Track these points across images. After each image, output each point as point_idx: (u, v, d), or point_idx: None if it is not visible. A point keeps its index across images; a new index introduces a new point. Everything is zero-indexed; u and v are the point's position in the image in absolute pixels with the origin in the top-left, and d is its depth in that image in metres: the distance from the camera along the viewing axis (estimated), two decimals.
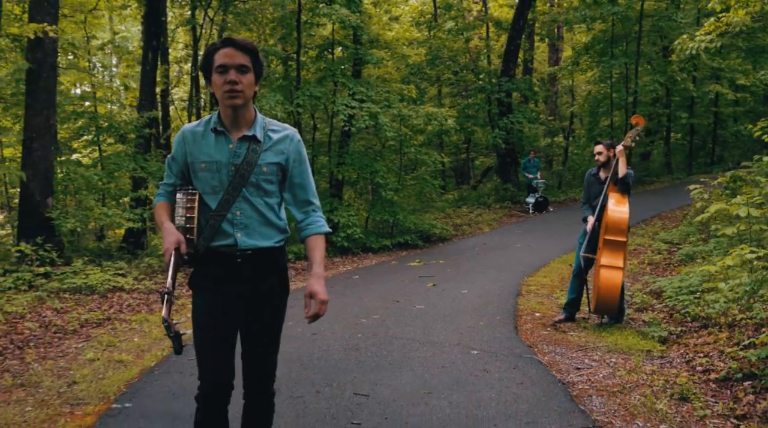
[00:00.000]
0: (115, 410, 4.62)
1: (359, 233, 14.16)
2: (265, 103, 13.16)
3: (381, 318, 7.55)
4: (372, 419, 4.36)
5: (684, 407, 4.53)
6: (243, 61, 2.73)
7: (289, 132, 2.93)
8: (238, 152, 2.79)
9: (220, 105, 2.82)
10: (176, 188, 2.92)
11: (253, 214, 2.82)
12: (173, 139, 2.84)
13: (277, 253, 2.94)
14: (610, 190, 6.88)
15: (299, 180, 2.94)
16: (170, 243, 2.68)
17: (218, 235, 2.82)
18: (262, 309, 2.90)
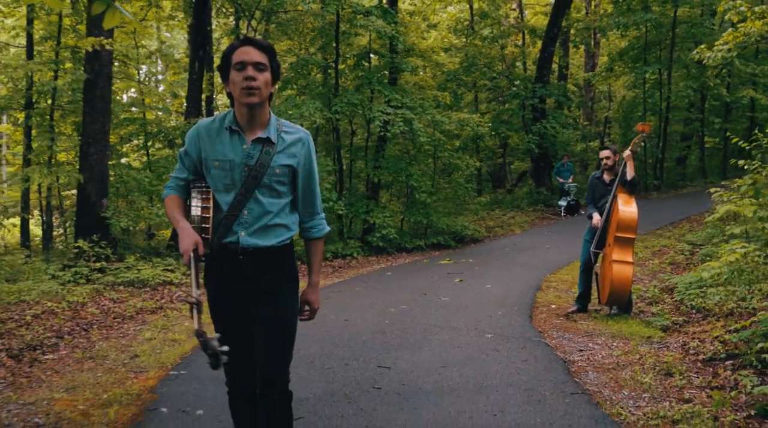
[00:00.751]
0: (173, 375, 5.41)
1: (394, 233, 14.87)
2: (305, 109, 13.94)
3: (408, 308, 8.24)
4: (391, 385, 5.06)
5: (667, 381, 5.12)
6: (261, 59, 2.78)
7: (302, 135, 2.97)
8: (252, 153, 2.83)
9: (236, 103, 2.85)
10: (188, 183, 2.97)
11: (260, 214, 2.85)
12: (186, 134, 2.95)
13: (280, 251, 2.94)
14: (619, 191, 7.46)
15: (307, 183, 3.01)
16: (189, 245, 2.68)
17: (228, 234, 2.87)
18: (267, 306, 2.91)
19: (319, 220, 3.11)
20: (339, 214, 14.74)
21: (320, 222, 3.11)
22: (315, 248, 3.12)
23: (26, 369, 5.81)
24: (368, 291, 9.71)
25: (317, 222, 3.10)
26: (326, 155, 16.37)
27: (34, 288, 9.17)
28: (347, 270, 12.80)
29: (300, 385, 5.00)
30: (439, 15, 30.24)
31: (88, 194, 12.34)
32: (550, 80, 23.33)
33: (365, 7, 15.22)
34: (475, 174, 25.41)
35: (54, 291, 9.14)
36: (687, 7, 22.10)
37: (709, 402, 4.53)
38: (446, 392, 4.88)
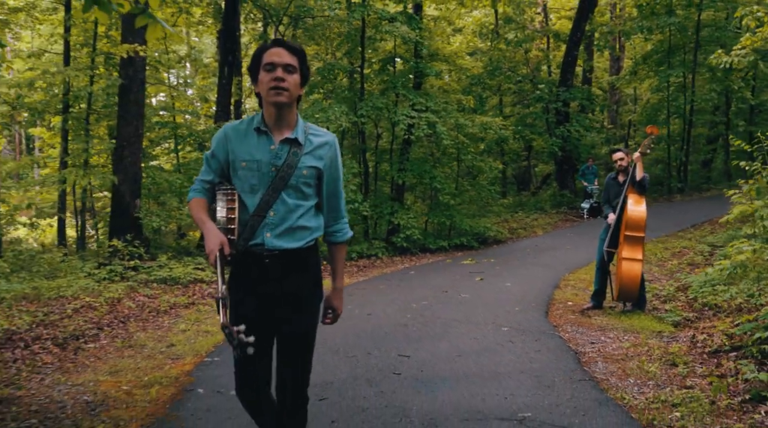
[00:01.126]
0: (207, 361, 5.82)
1: (417, 234, 15.20)
2: (331, 113, 14.33)
3: (429, 303, 8.57)
4: (410, 371, 5.41)
5: (672, 370, 5.42)
6: (291, 61, 2.80)
7: (329, 138, 2.97)
8: (280, 154, 2.83)
9: (264, 104, 2.86)
10: (213, 185, 2.97)
11: (286, 216, 2.85)
12: (213, 137, 2.99)
13: (305, 254, 2.93)
14: (629, 191, 7.75)
15: (332, 187, 3.00)
16: (214, 245, 2.67)
17: (254, 235, 2.86)
18: (291, 310, 2.91)
19: (342, 225, 3.08)
20: (364, 215, 15.11)
21: (344, 226, 3.09)
22: (338, 252, 3.11)
23: (71, 355, 6.24)
24: (391, 288, 10.06)
25: (341, 227, 3.08)
26: (352, 158, 16.76)
27: (72, 285, 9.61)
28: (372, 269, 13.16)
29: (325, 371, 5.37)
30: (464, 19, 30.61)
31: (122, 195, 12.81)
32: (573, 84, 23.51)
33: (390, 14, 15.58)
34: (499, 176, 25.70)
35: (91, 288, 9.59)
36: (711, 10, 22.18)
37: (709, 389, 4.82)
38: (461, 378, 5.22)
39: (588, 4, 22.63)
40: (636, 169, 7.70)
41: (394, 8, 16.56)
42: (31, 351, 6.23)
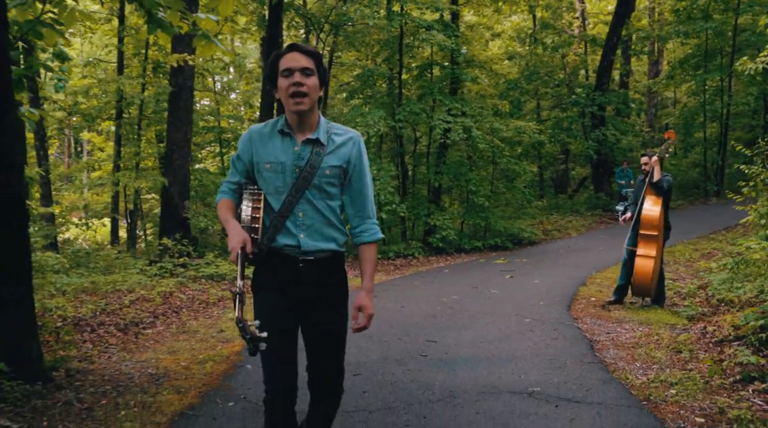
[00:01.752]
0: None
1: (453, 235, 15.75)
2: (369, 118, 14.96)
3: (459, 298, 9.14)
4: (436, 354, 6.00)
5: (677, 356, 5.91)
6: (307, 65, 2.80)
7: (353, 135, 2.99)
8: (302, 155, 2.86)
9: (286, 110, 2.89)
10: (240, 187, 3.00)
11: (315, 216, 2.87)
12: (240, 139, 3.05)
13: (337, 257, 2.97)
14: (647, 192, 8.22)
15: (358, 186, 2.99)
16: (236, 243, 2.70)
17: (282, 235, 2.86)
18: (323, 312, 2.93)
19: (371, 225, 3.04)
20: (401, 216, 15.70)
21: (372, 226, 3.05)
22: (368, 253, 3.03)
23: (133, 338, 6.96)
24: (425, 285, 10.64)
25: (369, 226, 3.04)
26: (390, 161, 17.37)
27: (126, 280, 10.36)
28: (408, 268, 13.74)
29: (360, 352, 5.98)
30: (503, 24, 31.08)
31: (172, 196, 13.56)
32: (609, 88, 23.80)
33: (427, 22, 16.16)
34: (536, 179, 26.11)
35: (144, 283, 10.32)
36: (749, 14, 22.30)
37: (706, 371, 5.31)
38: (482, 360, 5.79)
39: (624, 9, 22.94)
40: (653, 171, 8.16)
41: (431, 16, 17.10)
42: (97, 334, 6.95)
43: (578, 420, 4.31)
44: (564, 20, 27.73)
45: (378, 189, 14.80)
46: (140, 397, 4.72)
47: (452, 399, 4.73)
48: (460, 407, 4.57)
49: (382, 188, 14.79)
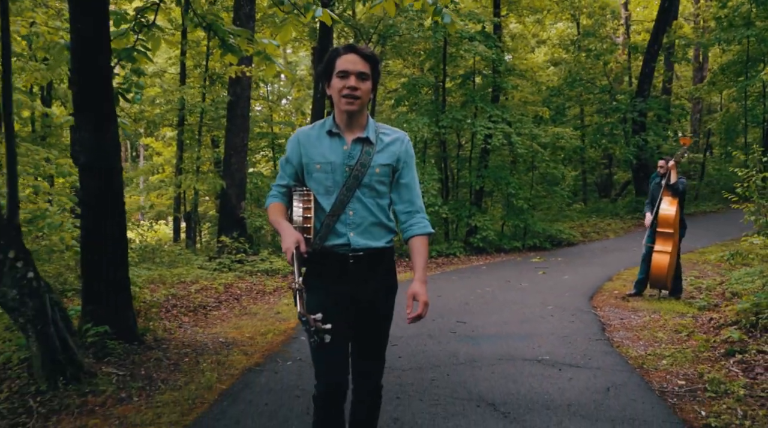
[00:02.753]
0: None
1: (493, 235, 16.60)
2: (414, 124, 15.92)
3: (491, 290, 10.02)
4: (464, 331, 6.92)
5: (677, 336, 6.70)
6: (364, 69, 2.82)
7: (400, 135, 3.01)
8: (352, 154, 2.88)
9: (336, 108, 2.90)
10: (289, 189, 3.00)
11: (365, 214, 2.88)
12: (288, 143, 3.05)
13: (387, 253, 2.98)
14: (665, 193, 8.99)
15: (406, 180, 3.00)
16: (290, 243, 2.71)
17: (332, 235, 2.87)
18: (371, 309, 2.97)
19: (420, 218, 3.03)
20: (444, 217, 16.60)
21: (422, 220, 3.04)
22: (419, 245, 3.00)
23: (202, 318, 8.03)
24: (462, 279, 11.54)
25: (419, 220, 3.02)
26: (434, 165, 18.30)
27: (190, 273, 11.47)
28: (449, 266, 14.63)
29: (397, 329, 6.90)
30: (549, 31, 31.76)
31: (229, 198, 14.67)
32: (650, 94, 24.33)
33: (470, 33, 17.05)
34: (579, 184, 26.75)
35: (205, 276, 11.42)
36: None
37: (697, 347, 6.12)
38: (503, 336, 6.69)
39: (665, 17, 23.47)
40: (670, 174, 8.93)
41: (474, 28, 17.98)
42: (171, 314, 8.04)
43: (575, 379, 5.19)
44: (608, 27, 28.32)
45: (422, 191, 15.72)
46: (215, 357, 5.76)
47: (473, 363, 5.65)
48: (479, 368, 5.49)
49: (425, 191, 15.74)
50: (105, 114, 5.63)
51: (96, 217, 5.68)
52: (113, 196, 5.74)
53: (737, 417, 4.30)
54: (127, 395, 4.70)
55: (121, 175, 5.91)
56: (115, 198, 5.78)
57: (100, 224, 5.67)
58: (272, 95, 24.22)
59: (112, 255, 5.71)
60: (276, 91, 29.25)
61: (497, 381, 5.12)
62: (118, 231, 5.79)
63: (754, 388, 4.83)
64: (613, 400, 4.68)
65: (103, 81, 5.53)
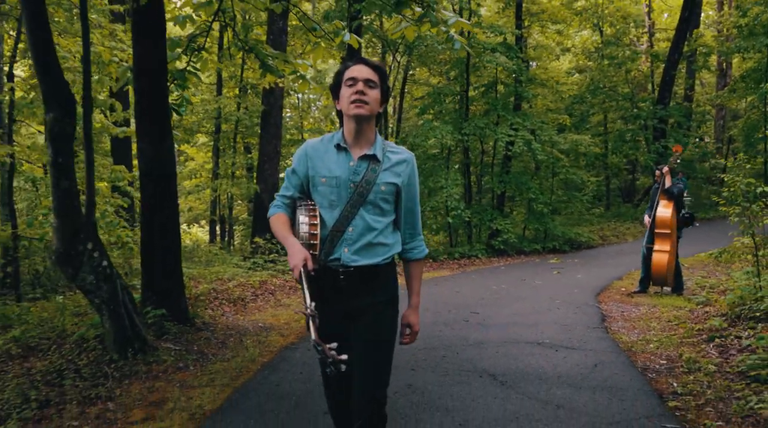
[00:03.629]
0: None
1: (514, 238, 17.34)
2: (438, 132, 16.74)
3: (506, 287, 10.80)
4: (475, 320, 7.72)
5: (668, 326, 7.43)
6: (372, 77, 2.83)
7: (407, 155, 2.98)
8: (358, 170, 2.85)
9: (345, 120, 2.89)
10: (293, 201, 2.97)
11: (364, 232, 2.85)
12: (295, 154, 3.02)
13: (382, 270, 2.91)
14: (661, 197, 9.71)
15: (410, 204, 3.01)
16: (298, 260, 2.64)
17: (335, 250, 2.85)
18: (367, 325, 2.89)
19: (419, 242, 3.08)
20: (466, 220, 17.39)
21: (420, 243, 3.09)
22: (415, 270, 3.09)
23: (242, 308, 8.92)
24: (481, 278, 12.32)
25: (417, 244, 3.07)
26: (457, 171, 19.10)
27: (226, 271, 12.35)
28: (470, 266, 15.40)
29: None
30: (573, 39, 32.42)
31: (263, 201, 15.57)
32: (671, 102, 24.89)
33: (491, 45, 17.84)
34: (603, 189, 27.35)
35: (241, 274, 12.30)
36: None
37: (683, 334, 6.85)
38: (510, 324, 7.48)
39: (685, 27, 24.03)
40: (665, 180, 9.65)
41: (495, 39, 18.75)
42: (214, 304, 8.93)
43: (569, 358, 5.97)
44: (632, 35, 28.92)
45: (445, 196, 16.58)
46: (256, 338, 6.65)
47: (480, 345, 6.46)
48: (485, 349, 6.29)
49: (449, 195, 16.56)
50: (163, 128, 6.55)
51: (154, 217, 6.59)
52: (169, 198, 6.65)
53: (702, 387, 5.05)
54: (184, 365, 5.60)
55: (176, 179, 6.81)
56: (171, 200, 6.69)
57: (158, 223, 6.58)
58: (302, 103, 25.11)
59: (168, 249, 6.61)
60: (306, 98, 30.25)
61: (500, 359, 5.92)
62: (173, 229, 6.70)
63: (723, 366, 5.57)
64: (598, 374, 5.45)
65: (163, 100, 6.44)
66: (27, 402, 4.65)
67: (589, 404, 4.68)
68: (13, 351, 5.80)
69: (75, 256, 5.41)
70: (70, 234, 5.38)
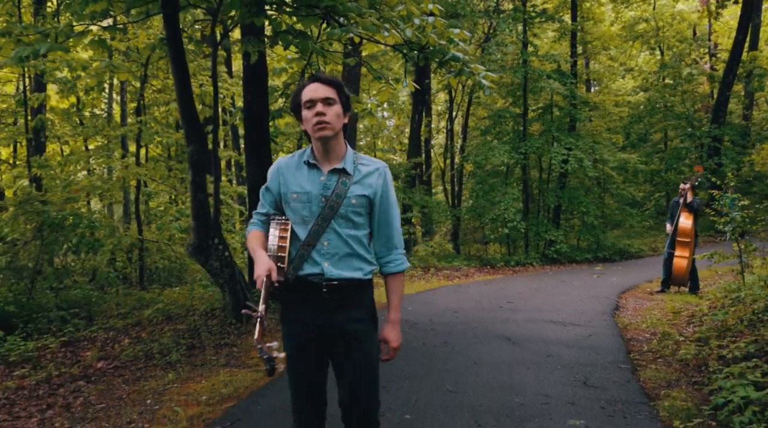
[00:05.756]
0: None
1: (566, 248, 19.01)
2: (497, 152, 18.63)
3: (545, 286, 12.59)
4: (508, 307, 9.59)
5: (667, 313, 9.11)
6: (328, 94, 2.81)
7: (379, 166, 2.98)
8: (328, 184, 2.85)
9: (312, 139, 2.89)
10: (269, 217, 2.97)
11: (340, 245, 2.85)
12: (269, 171, 3.04)
13: (363, 286, 2.91)
14: (682, 210, 11.33)
15: (384, 216, 2.98)
16: (262, 270, 2.66)
17: (307, 264, 2.84)
18: (347, 340, 2.86)
19: (397, 255, 3.04)
20: (522, 231, 19.16)
21: (399, 256, 3.04)
22: (394, 283, 3.05)
23: None
24: (528, 280, 14.11)
25: (396, 257, 3.03)
26: (515, 186, 20.91)
27: None
28: (523, 273, 17.15)
29: (459, 303, 9.64)
30: (636, 59, 33.80)
31: None
32: (726, 121, 26.05)
33: (546, 72, 19.64)
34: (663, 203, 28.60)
35: None
36: None
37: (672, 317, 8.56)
38: (536, 310, 9.32)
39: (739, 49, 25.24)
40: (687, 195, 11.28)
41: (550, 66, 20.53)
42: None
43: (572, 330, 7.80)
44: (694, 55, 30.13)
45: (503, 209, 18.45)
46: None
47: (506, 321, 8.35)
48: (509, 324, 8.18)
49: (506, 208, 18.43)
50: (264, 155, 8.69)
51: None
52: None
53: (662, 347, 6.82)
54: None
55: None
56: None
57: None
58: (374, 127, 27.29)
59: None
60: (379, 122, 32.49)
61: (518, 330, 7.80)
62: None
63: (686, 334, 7.31)
64: (589, 340, 7.28)
65: (265, 134, 8.59)
66: (178, 345, 6.83)
67: (573, 355, 6.54)
68: (160, 319, 8.03)
69: (206, 248, 7.57)
70: (202, 232, 7.55)
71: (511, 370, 5.97)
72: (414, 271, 15.76)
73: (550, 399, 5.09)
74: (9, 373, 6.41)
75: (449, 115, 25.49)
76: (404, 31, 6.91)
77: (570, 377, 5.73)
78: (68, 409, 5.24)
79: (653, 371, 5.89)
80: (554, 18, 20.91)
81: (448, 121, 25.87)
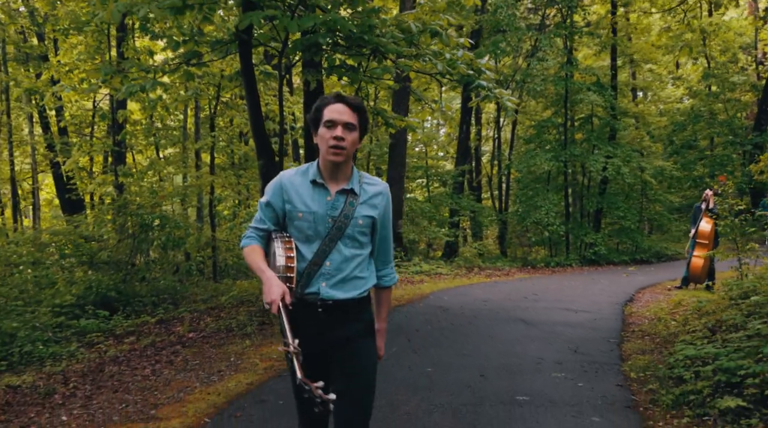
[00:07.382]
0: (440, 291, 11.76)
1: (604, 250, 20.15)
2: (539, 159, 19.95)
3: (574, 283, 13.87)
4: (532, 298, 10.95)
5: (674, 305, 10.32)
6: (351, 120, 2.78)
7: (383, 187, 2.98)
8: (336, 205, 2.84)
9: (321, 157, 2.85)
10: (268, 233, 2.95)
11: (341, 266, 2.83)
12: (269, 185, 2.96)
13: (360, 304, 2.91)
14: (704, 215, 12.45)
15: (384, 232, 3.00)
16: (277, 294, 2.61)
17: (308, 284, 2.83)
18: (347, 358, 2.88)
19: (390, 269, 3.09)
20: (561, 234, 20.39)
21: (391, 271, 3.10)
22: (384, 296, 3.12)
23: None
24: (560, 279, 15.39)
25: (389, 272, 3.09)
26: (556, 192, 22.16)
27: None
28: (562, 273, 18.32)
29: (490, 294, 11.04)
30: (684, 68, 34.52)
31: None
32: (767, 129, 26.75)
33: (585, 84, 20.86)
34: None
35: None
36: None
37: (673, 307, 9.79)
38: (556, 301, 10.67)
39: None
40: (710, 201, 12.41)
41: (590, 79, 21.72)
42: None
43: (581, 315, 9.15)
44: (741, 63, 30.79)
45: (543, 213, 19.76)
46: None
47: (526, 309, 9.75)
48: (528, 311, 9.57)
49: (547, 213, 19.74)
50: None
51: None
52: None
53: (653, 328, 8.12)
54: None
55: None
56: None
57: None
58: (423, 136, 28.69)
59: None
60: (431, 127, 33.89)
61: (535, 315, 9.19)
62: None
63: (677, 320, 8.59)
64: (594, 323, 8.64)
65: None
66: (251, 321, 8.43)
67: (575, 332, 7.92)
68: (234, 303, 9.66)
69: None
70: None
71: (518, 343, 7.39)
72: (458, 270, 17.19)
73: (543, 361, 6.51)
74: (119, 342, 8.09)
75: (497, 123, 26.80)
76: (437, 65, 8.33)
77: (565, 347, 7.13)
78: (171, 364, 6.86)
79: (634, 344, 7.24)
80: (593, 33, 22.11)
81: (496, 129, 27.17)
